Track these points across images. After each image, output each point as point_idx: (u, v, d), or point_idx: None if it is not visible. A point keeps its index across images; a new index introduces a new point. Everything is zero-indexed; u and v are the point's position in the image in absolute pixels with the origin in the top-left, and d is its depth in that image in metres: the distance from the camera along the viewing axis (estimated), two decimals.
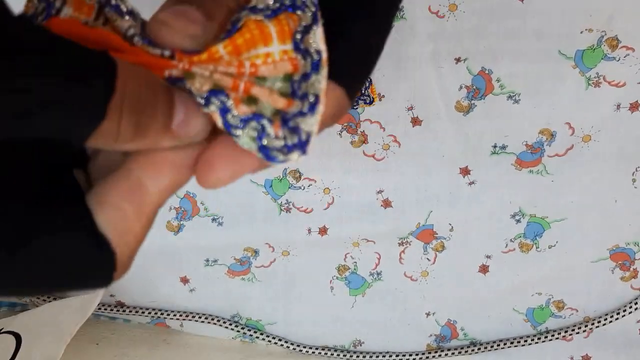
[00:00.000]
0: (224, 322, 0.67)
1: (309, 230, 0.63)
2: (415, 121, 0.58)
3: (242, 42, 0.19)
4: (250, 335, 0.68)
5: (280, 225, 0.63)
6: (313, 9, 0.19)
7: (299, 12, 0.19)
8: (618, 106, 0.55)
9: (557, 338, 0.64)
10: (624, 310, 0.62)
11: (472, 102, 0.57)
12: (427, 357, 0.66)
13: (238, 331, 0.68)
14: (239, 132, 0.19)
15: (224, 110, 0.19)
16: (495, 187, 0.60)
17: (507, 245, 0.62)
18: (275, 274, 0.66)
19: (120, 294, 0.68)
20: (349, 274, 0.65)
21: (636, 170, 0.58)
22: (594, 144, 0.57)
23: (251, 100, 0.19)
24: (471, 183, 0.60)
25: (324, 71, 0.19)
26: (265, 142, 0.19)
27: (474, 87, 0.56)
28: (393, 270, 0.64)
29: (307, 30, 0.19)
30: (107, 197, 0.19)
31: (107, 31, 0.19)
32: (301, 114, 0.19)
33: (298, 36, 0.19)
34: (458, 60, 0.55)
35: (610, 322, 0.62)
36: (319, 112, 0.19)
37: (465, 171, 0.60)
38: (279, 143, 0.19)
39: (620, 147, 0.57)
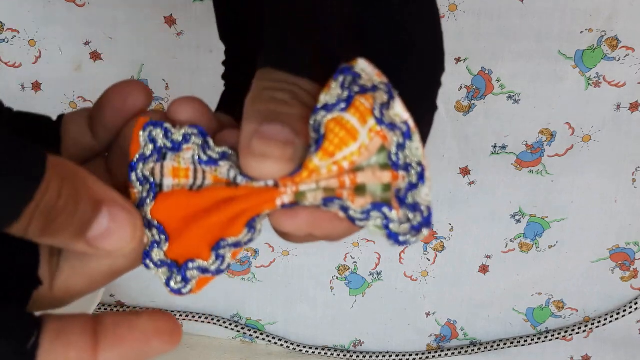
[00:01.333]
0: (224, 322, 0.67)
1: None
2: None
3: (334, 148, 0.19)
4: (250, 335, 0.68)
5: None
6: (386, 87, 0.19)
7: (370, 93, 0.19)
8: (618, 106, 0.55)
9: (557, 338, 0.64)
10: (624, 310, 0.62)
11: (472, 102, 0.57)
12: (427, 357, 0.66)
13: (238, 331, 0.68)
14: (364, 223, 0.19)
15: (345, 209, 0.19)
16: (495, 187, 0.60)
17: (507, 245, 0.62)
18: (275, 274, 0.66)
19: (120, 294, 0.68)
20: (349, 273, 0.65)
21: (636, 170, 0.58)
22: (594, 144, 0.57)
23: (360, 188, 0.19)
24: (471, 183, 0.60)
25: (417, 137, 0.19)
26: (392, 228, 0.19)
27: (474, 87, 0.56)
28: (393, 270, 0.64)
29: (385, 106, 0.19)
30: (65, 333, 0.19)
31: (213, 188, 0.20)
32: (413, 186, 0.19)
33: (377, 112, 0.19)
34: (458, 60, 0.55)
35: (610, 322, 0.62)
36: (429, 179, 0.19)
37: (465, 171, 0.60)
38: (405, 227, 0.19)
39: (620, 147, 0.57)
